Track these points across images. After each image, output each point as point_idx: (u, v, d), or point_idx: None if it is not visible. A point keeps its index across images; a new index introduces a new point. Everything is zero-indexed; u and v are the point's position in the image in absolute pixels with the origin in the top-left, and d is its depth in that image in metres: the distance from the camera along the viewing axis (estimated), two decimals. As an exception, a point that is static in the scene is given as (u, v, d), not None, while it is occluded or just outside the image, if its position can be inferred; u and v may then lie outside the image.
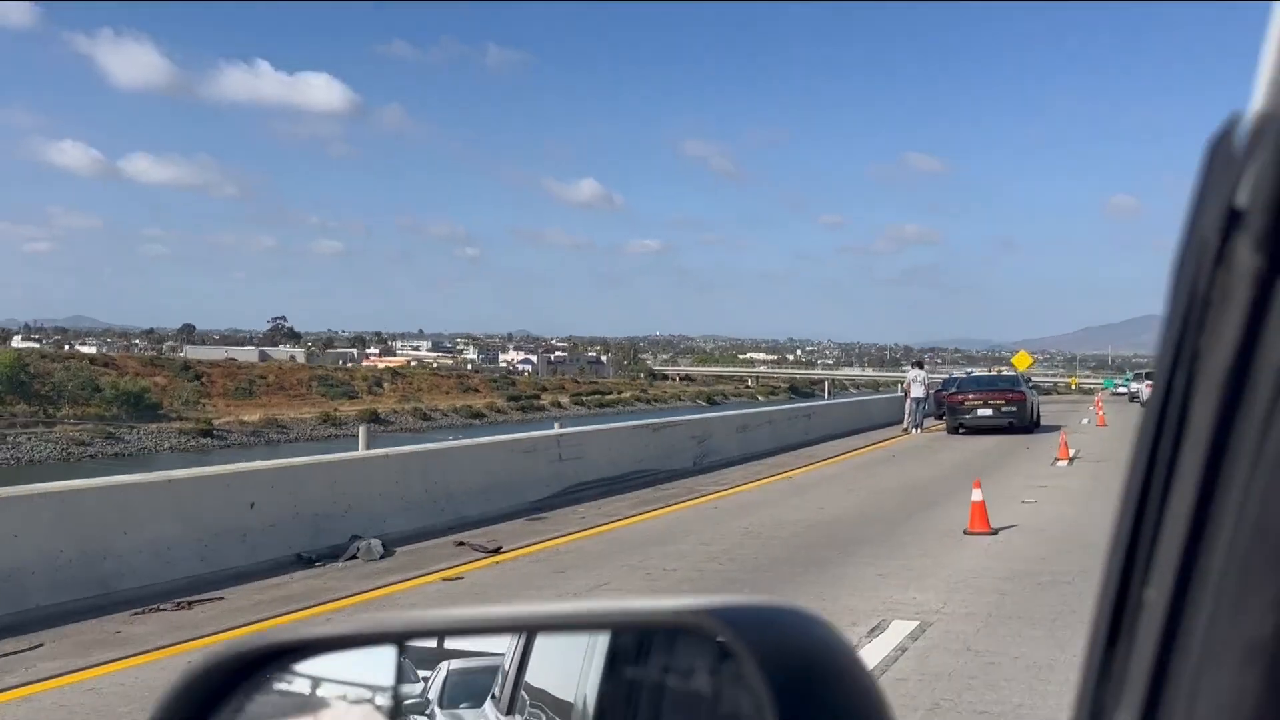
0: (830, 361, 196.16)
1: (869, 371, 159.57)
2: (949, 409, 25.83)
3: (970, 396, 25.48)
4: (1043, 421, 29.77)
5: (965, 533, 10.13)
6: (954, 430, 25.54)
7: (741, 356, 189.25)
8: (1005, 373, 32.01)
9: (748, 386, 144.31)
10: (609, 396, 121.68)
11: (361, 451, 11.45)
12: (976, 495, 10.24)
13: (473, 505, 12.09)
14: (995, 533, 10.10)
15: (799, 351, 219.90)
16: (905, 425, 27.00)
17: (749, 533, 10.66)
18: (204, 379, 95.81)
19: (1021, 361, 76.19)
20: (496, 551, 9.94)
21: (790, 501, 13.21)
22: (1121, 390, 72.97)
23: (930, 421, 27.72)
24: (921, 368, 29.01)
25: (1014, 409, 24.93)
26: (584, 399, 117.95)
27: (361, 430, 15.75)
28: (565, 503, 13.29)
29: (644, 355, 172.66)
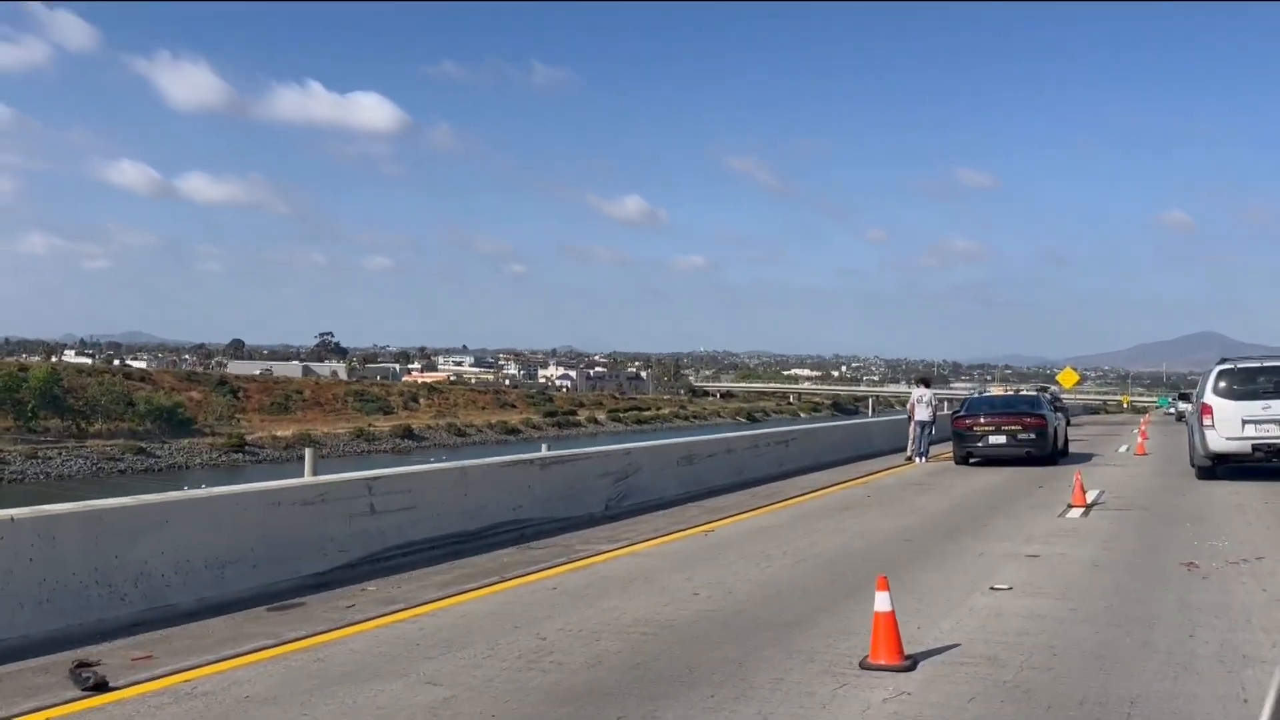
0: (876, 378, 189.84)
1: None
2: (955, 435, 21.53)
3: (980, 421, 21.11)
4: (1074, 448, 25.35)
5: (862, 665, 6.03)
6: (962, 461, 21.22)
7: (785, 373, 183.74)
8: (1025, 391, 27.48)
9: (790, 403, 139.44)
10: (647, 413, 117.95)
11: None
12: (882, 602, 6.10)
13: (190, 588, 8.19)
14: (911, 665, 5.97)
15: (844, 368, 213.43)
16: (909, 453, 22.73)
17: (536, 650, 6.63)
18: (240, 394, 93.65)
19: (1067, 379, 71.07)
20: (98, 688, 6.02)
21: (668, 578, 9.14)
22: (1172, 410, 67.54)
23: (943, 448, 23.43)
24: (928, 386, 24.62)
25: (1032, 436, 20.52)
26: (621, 415, 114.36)
27: (307, 455, 12.19)
28: (360, 577, 9.34)
29: (687, 371, 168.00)
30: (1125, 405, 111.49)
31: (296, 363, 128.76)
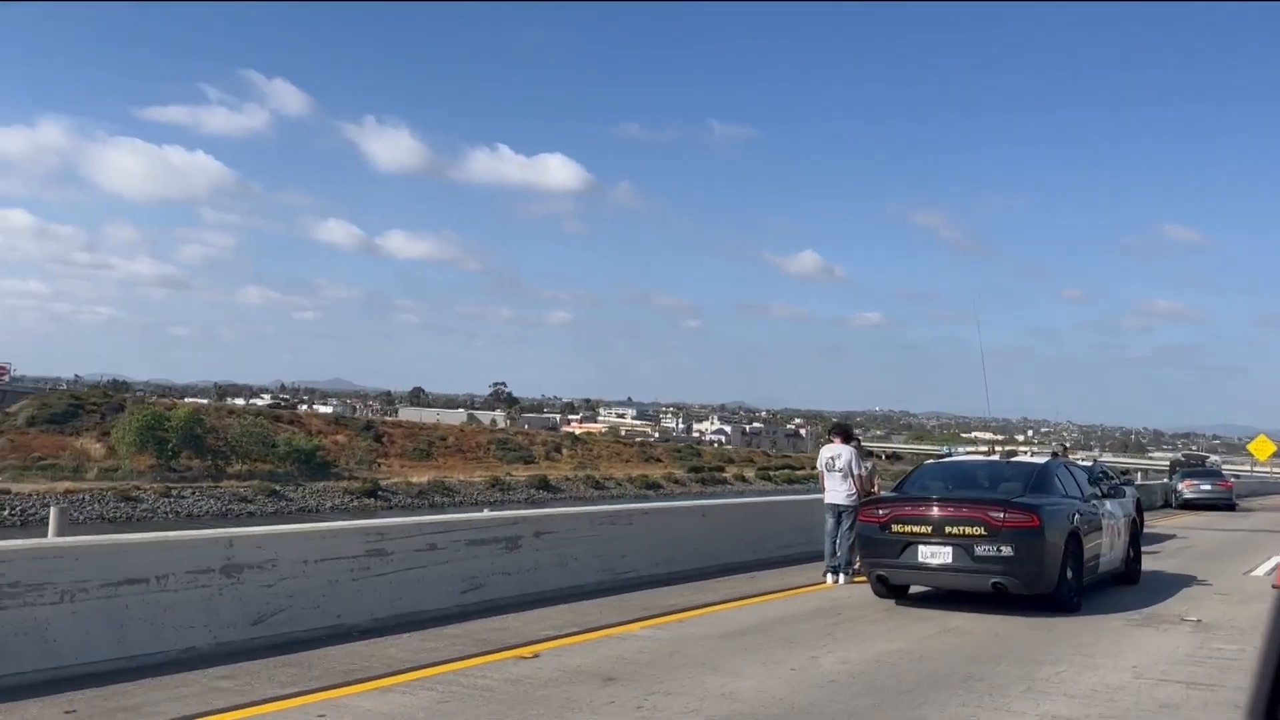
0: (1068, 443, 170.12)
1: (1105, 457, 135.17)
2: (861, 541, 11.28)
3: (907, 511, 10.60)
4: (1190, 559, 15.22)
5: None
6: (884, 591, 11.10)
7: (965, 435, 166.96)
8: (1021, 457, 13.99)
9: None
10: (800, 471, 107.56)
11: None
12: None
13: None
14: None
15: (1030, 432, 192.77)
16: (826, 565, 12.91)
17: None
18: (384, 439, 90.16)
19: (1262, 450, 56.27)
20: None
21: None
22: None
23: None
24: (848, 441, 13.06)
25: (1004, 549, 9.88)
26: (771, 473, 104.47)
27: (52, 514, 9.95)
28: None
29: (858, 430, 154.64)
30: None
31: (462, 410, 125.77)
